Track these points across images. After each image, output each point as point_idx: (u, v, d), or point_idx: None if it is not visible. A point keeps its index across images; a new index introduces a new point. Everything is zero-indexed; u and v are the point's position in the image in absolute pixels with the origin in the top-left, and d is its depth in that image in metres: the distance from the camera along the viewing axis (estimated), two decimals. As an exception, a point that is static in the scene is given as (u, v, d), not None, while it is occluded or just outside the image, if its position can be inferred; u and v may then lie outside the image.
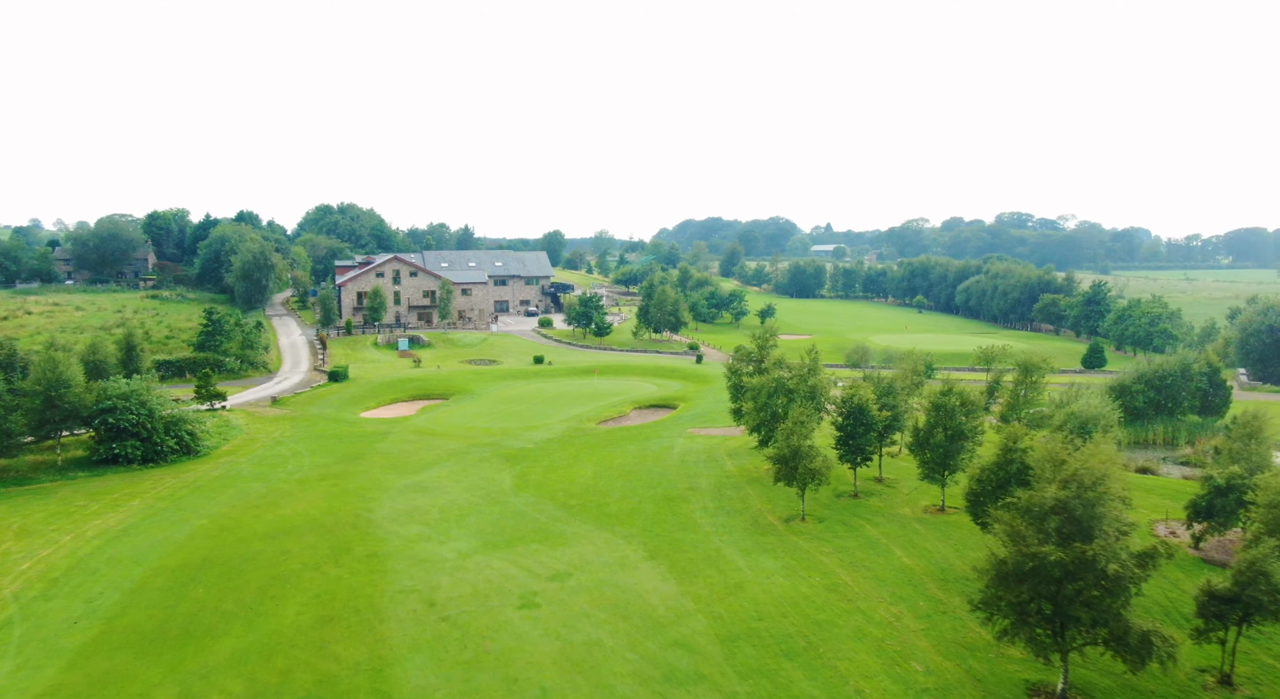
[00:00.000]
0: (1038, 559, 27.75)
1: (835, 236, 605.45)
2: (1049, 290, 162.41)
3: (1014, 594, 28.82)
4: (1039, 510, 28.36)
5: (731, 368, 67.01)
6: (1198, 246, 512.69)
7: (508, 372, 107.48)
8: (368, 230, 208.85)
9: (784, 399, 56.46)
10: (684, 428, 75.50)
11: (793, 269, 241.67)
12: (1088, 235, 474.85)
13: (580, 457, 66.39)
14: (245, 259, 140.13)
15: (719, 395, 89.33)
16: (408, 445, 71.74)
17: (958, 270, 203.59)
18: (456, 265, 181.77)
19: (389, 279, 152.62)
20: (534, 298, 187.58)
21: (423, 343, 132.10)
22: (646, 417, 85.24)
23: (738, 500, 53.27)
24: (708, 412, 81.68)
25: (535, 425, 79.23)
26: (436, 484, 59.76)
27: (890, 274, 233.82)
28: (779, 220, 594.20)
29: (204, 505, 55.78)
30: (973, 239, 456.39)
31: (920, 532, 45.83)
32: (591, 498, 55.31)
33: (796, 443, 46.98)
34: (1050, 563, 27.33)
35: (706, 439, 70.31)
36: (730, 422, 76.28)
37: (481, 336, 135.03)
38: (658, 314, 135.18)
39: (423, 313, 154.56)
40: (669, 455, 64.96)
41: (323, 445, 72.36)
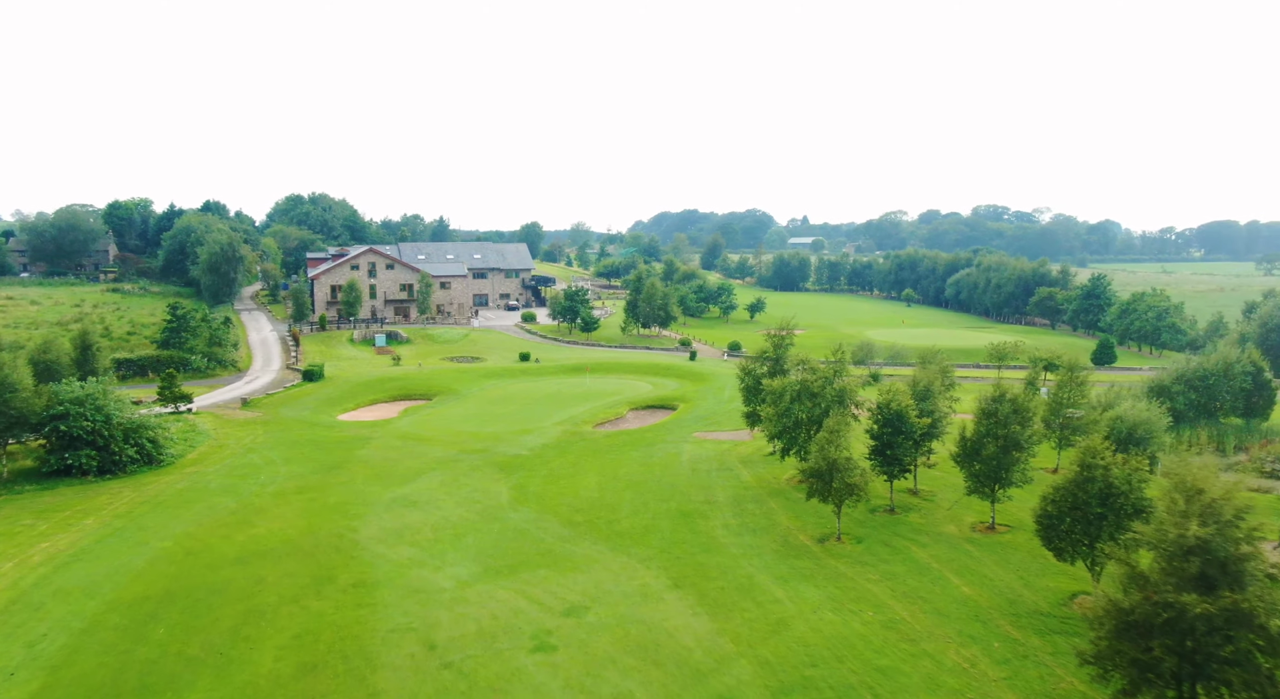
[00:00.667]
0: (1174, 610, 23.13)
1: (812, 229, 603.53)
2: (1044, 283, 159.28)
3: (1139, 649, 24.21)
4: (1175, 550, 23.71)
5: (745, 368, 62.19)
6: (1171, 239, 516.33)
7: (493, 370, 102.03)
8: (340, 221, 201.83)
9: (808, 404, 51.69)
10: (688, 432, 70.64)
11: (777, 262, 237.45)
12: (1064, 228, 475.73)
13: (581, 465, 61.30)
14: (212, 251, 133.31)
15: (720, 395, 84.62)
16: (392, 452, 66.27)
17: (947, 263, 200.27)
18: (434, 257, 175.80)
19: (364, 272, 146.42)
20: (514, 291, 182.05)
21: (401, 339, 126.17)
22: (645, 419, 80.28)
23: (762, 516, 48.46)
24: (711, 413, 76.86)
25: (528, 429, 74.02)
26: (426, 497, 54.43)
27: (876, 267, 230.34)
28: (756, 213, 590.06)
29: (167, 524, 50.08)
30: (951, 232, 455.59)
31: (974, 554, 41.26)
32: (599, 513, 50.28)
33: (833, 455, 42.23)
34: (1194, 616, 22.70)
35: (715, 444, 65.48)
36: (738, 425, 71.63)
37: (463, 332, 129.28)
38: (646, 309, 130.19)
39: (400, 307, 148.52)
40: (678, 463, 60.05)
41: (299, 452, 66.70)
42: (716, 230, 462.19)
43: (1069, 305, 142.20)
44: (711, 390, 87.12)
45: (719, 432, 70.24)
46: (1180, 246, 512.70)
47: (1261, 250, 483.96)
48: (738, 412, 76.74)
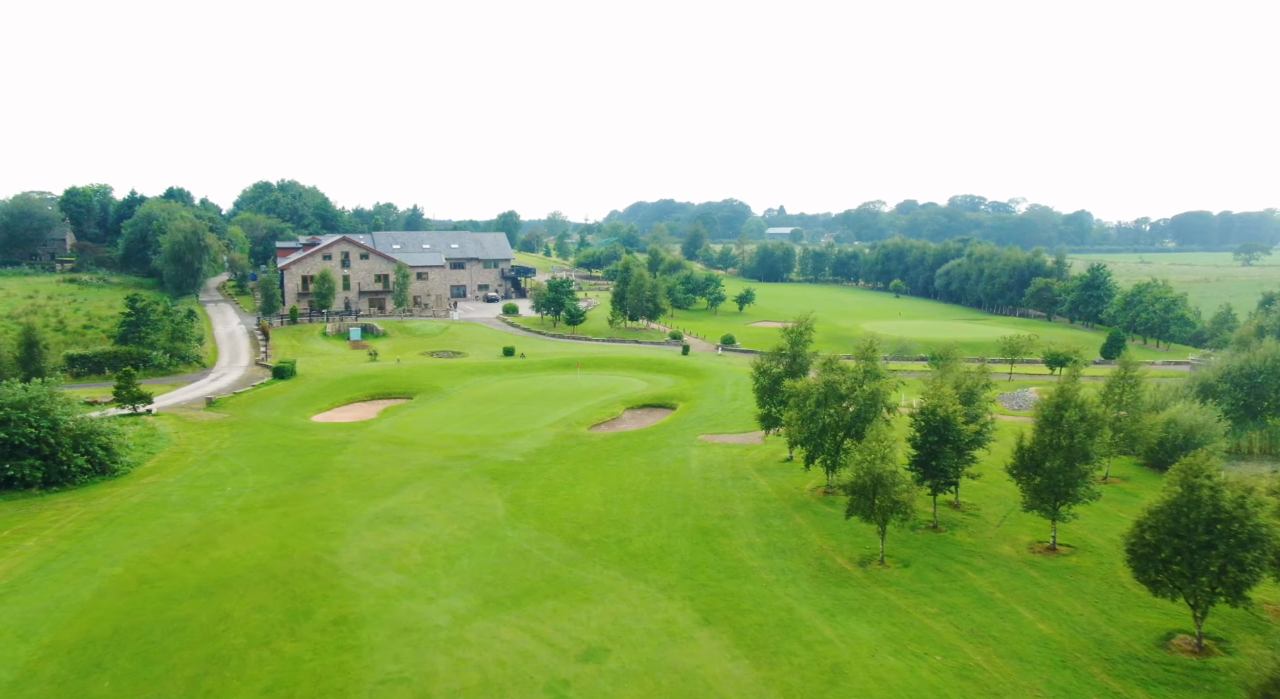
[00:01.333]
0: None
1: (789, 219, 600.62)
2: (1038, 274, 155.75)
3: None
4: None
5: (761, 367, 57.22)
6: (1146, 230, 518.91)
7: (477, 366, 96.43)
8: (311, 209, 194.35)
9: (836, 407, 46.86)
10: (693, 434, 65.66)
11: (760, 252, 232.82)
12: (1041, 218, 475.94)
13: (581, 472, 56.13)
14: (175, 239, 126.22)
15: (721, 393, 79.75)
16: (372, 459, 60.70)
17: (936, 253, 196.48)
18: (409, 247, 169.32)
19: (337, 262, 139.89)
20: (493, 282, 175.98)
21: (377, 332, 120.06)
22: (643, 419, 75.21)
23: (790, 534, 43.60)
24: (714, 414, 71.93)
25: (519, 431, 68.71)
26: (413, 512, 49.05)
27: (862, 257, 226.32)
28: (733, 202, 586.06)
29: (119, 546, 44.36)
30: (929, 222, 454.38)
31: (1041, 582, 36.62)
32: (607, 530, 45.20)
33: (879, 469, 37.41)
34: None
35: (724, 449, 60.55)
36: (746, 426, 66.84)
37: (442, 325, 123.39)
38: (634, 300, 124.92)
39: (375, 299, 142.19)
40: (687, 471, 55.06)
41: (269, 459, 60.96)
42: (693, 220, 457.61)
43: (1067, 296, 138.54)
44: (711, 388, 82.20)
45: (726, 434, 65.33)
46: (1154, 237, 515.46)
47: (1234, 241, 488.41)
48: (743, 412, 71.97)
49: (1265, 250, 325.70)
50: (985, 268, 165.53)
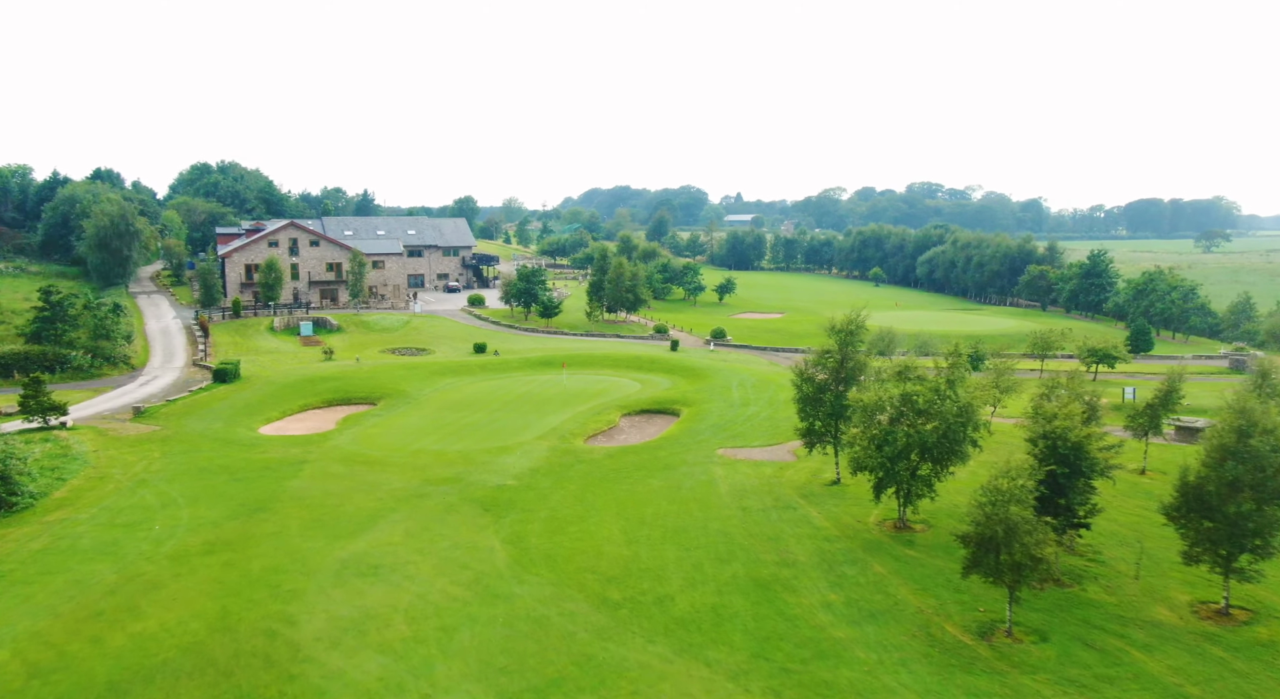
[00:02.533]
0: None
1: (747, 206, 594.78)
2: (1030, 261, 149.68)
3: None
4: None
5: (804, 373, 48.25)
6: (1100, 217, 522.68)
7: (447, 365, 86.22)
8: (254, 193, 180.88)
9: (916, 425, 38.18)
10: (709, 448, 56.67)
11: (730, 239, 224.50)
12: (999, 205, 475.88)
13: (589, 500, 46.81)
14: (100, 224, 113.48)
15: (728, 397, 70.85)
16: (335, 483, 50.67)
17: (916, 240, 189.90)
18: (362, 234, 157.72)
19: (284, 249, 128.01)
20: (454, 271, 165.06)
21: (331, 327, 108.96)
22: (644, 428, 66.03)
23: (873, 588, 34.84)
24: (727, 422, 62.95)
25: (505, 445, 59.07)
26: (391, 558, 39.37)
27: (836, 244, 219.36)
28: (691, 189, 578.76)
29: (6, 617, 34.10)
30: (889, 208, 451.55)
31: (1236, 666, 28.33)
32: (640, 584, 36.06)
33: (1011, 515, 28.78)
34: None
35: (753, 468, 51.66)
36: (769, 437, 58.14)
37: (403, 319, 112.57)
38: (612, 291, 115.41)
39: (327, 290, 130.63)
40: (717, 497, 46.10)
41: (209, 485, 50.58)
42: (650, 207, 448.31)
43: (1065, 285, 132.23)
44: (715, 391, 73.22)
45: (748, 448, 56.44)
46: (1109, 224, 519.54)
47: (1185, 227, 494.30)
48: (760, 419, 63.27)
49: (1225, 237, 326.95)
50: (974, 255, 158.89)
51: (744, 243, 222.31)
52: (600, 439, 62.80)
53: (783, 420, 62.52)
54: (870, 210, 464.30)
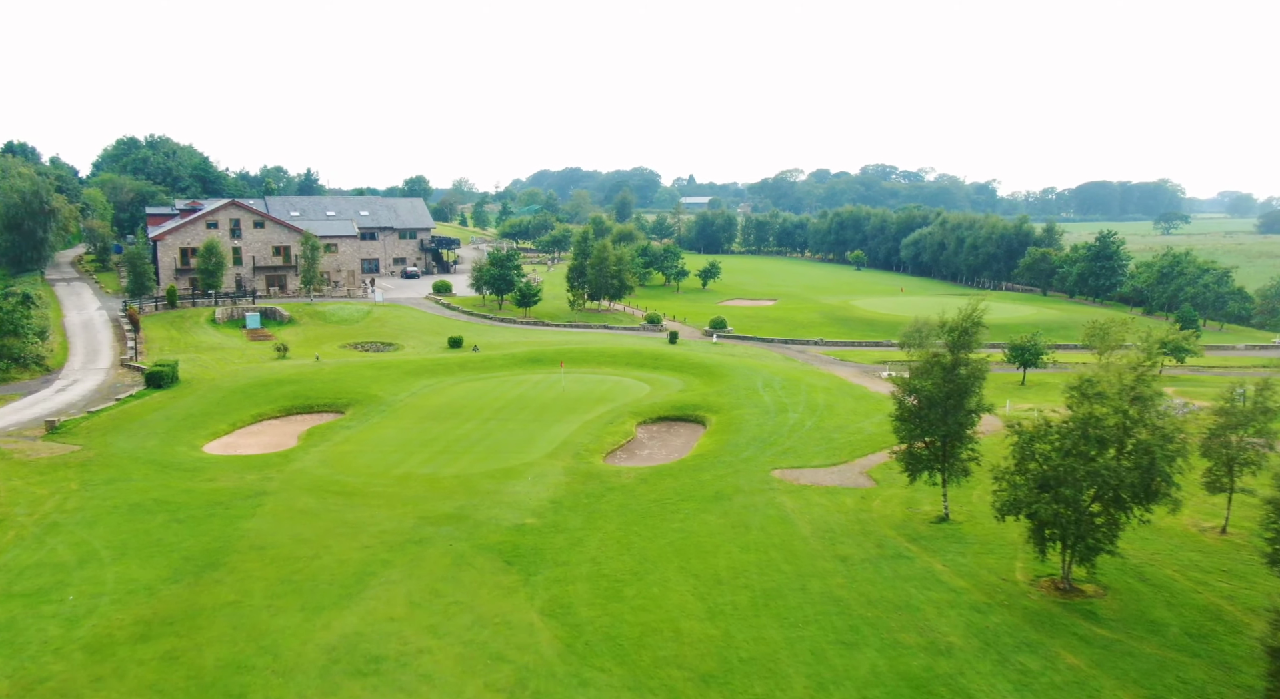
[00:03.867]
0: None
1: (700, 188, 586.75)
2: (1027, 243, 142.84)
3: None
4: None
5: (911, 385, 38.85)
6: (1053, 199, 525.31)
7: (422, 364, 75.22)
8: (188, 171, 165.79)
9: (1104, 455, 29.03)
10: (760, 468, 47.12)
11: (700, 221, 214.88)
12: (954, 187, 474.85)
13: (638, 545, 36.95)
14: (10, 202, 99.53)
15: (759, 400, 61.34)
16: (306, 524, 40.01)
17: (899, 222, 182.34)
18: (310, 214, 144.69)
19: (225, 231, 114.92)
20: (411, 255, 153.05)
21: (281, 318, 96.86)
22: (669, 440, 56.23)
23: (1076, 692, 25.58)
24: (770, 434, 53.39)
25: (509, 465, 48.82)
26: (395, 644, 29.11)
27: (810, 226, 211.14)
28: (644, 171, 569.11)
29: None
30: (847, 190, 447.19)
31: None
32: (748, 684, 26.41)
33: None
34: None
35: (826, 495, 42.24)
36: (831, 455, 48.84)
37: (363, 309, 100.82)
38: (596, 277, 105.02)
39: (273, 276, 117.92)
40: (799, 540, 36.62)
41: (142, 530, 39.57)
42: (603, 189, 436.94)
43: (1070, 268, 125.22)
44: (740, 393, 63.60)
45: (809, 468, 47.00)
46: (1060, 206, 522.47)
47: (1133, 210, 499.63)
48: (807, 429, 53.92)
49: (1184, 219, 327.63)
50: (966, 237, 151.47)
51: (713, 225, 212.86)
52: (621, 456, 52.83)
53: (835, 431, 53.29)
54: (828, 192, 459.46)
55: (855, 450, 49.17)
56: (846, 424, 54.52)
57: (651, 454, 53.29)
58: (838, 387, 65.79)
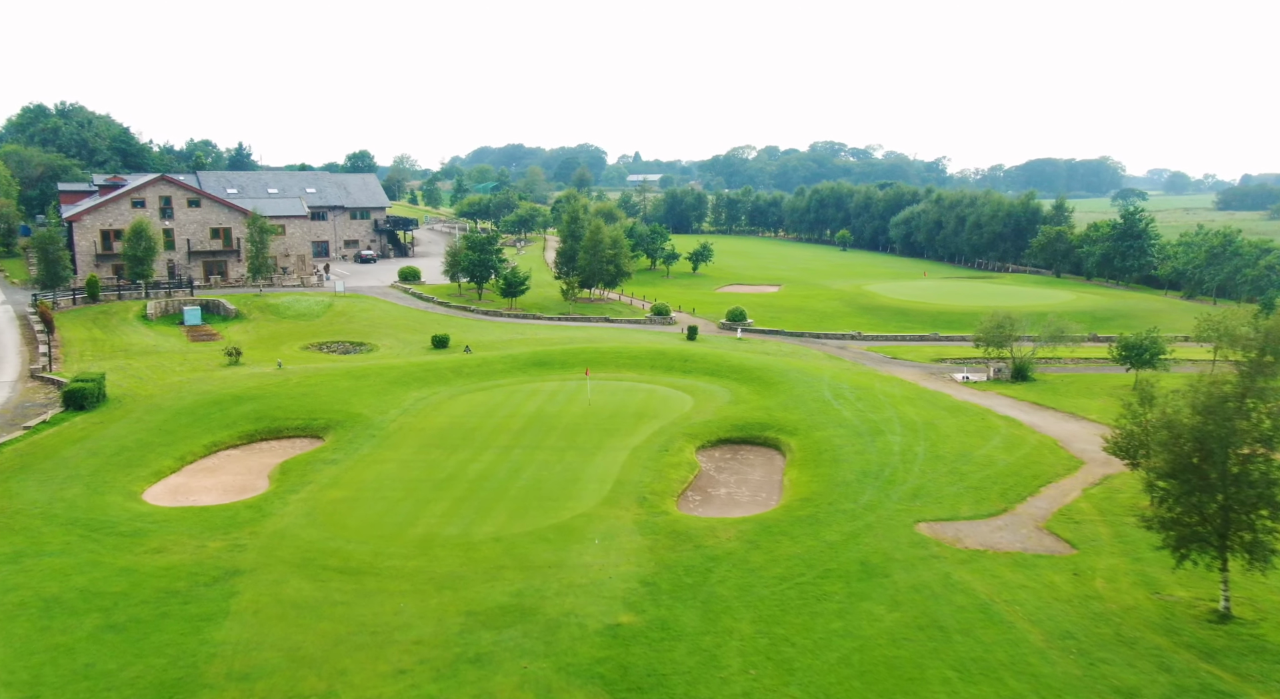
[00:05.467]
0: None
1: (647, 166, 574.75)
2: (1035, 221, 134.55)
3: None
4: None
5: (1173, 422, 27.97)
6: (1000, 176, 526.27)
7: (407, 370, 62.53)
8: (107, 143, 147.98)
9: None
10: (894, 518, 36.23)
11: (669, 199, 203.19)
12: (906, 165, 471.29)
13: (801, 666, 25.76)
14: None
15: (836, 417, 50.49)
16: (303, 632, 27.97)
17: (886, 199, 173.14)
18: (251, 191, 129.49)
19: (154, 210, 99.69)
20: (364, 237, 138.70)
21: (227, 312, 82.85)
22: (744, 473, 44.99)
23: None
24: (883, 467, 42.43)
25: (561, 520, 37.08)
26: None
27: (786, 204, 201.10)
28: (589, 148, 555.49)
29: None
30: (799, 167, 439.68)
31: None
32: None
33: None
34: None
35: (1014, 566, 31.52)
36: (979, 503, 38.18)
37: (324, 301, 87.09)
38: (589, 262, 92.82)
39: (213, 263, 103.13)
40: (1035, 653, 25.86)
41: (59, 649, 27.15)
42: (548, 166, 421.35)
43: (1092, 248, 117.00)
44: (808, 406, 52.56)
45: (960, 519, 36.21)
46: (1007, 184, 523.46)
47: (1077, 187, 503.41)
48: (927, 460, 43.18)
49: (1141, 196, 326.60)
50: (967, 215, 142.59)
51: (683, 203, 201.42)
52: (695, 499, 41.46)
53: (959, 461, 42.70)
54: (780, 169, 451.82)
55: (1007, 492, 38.62)
56: (968, 451, 44.01)
57: (733, 494, 42.05)
58: (918, 396, 55.32)
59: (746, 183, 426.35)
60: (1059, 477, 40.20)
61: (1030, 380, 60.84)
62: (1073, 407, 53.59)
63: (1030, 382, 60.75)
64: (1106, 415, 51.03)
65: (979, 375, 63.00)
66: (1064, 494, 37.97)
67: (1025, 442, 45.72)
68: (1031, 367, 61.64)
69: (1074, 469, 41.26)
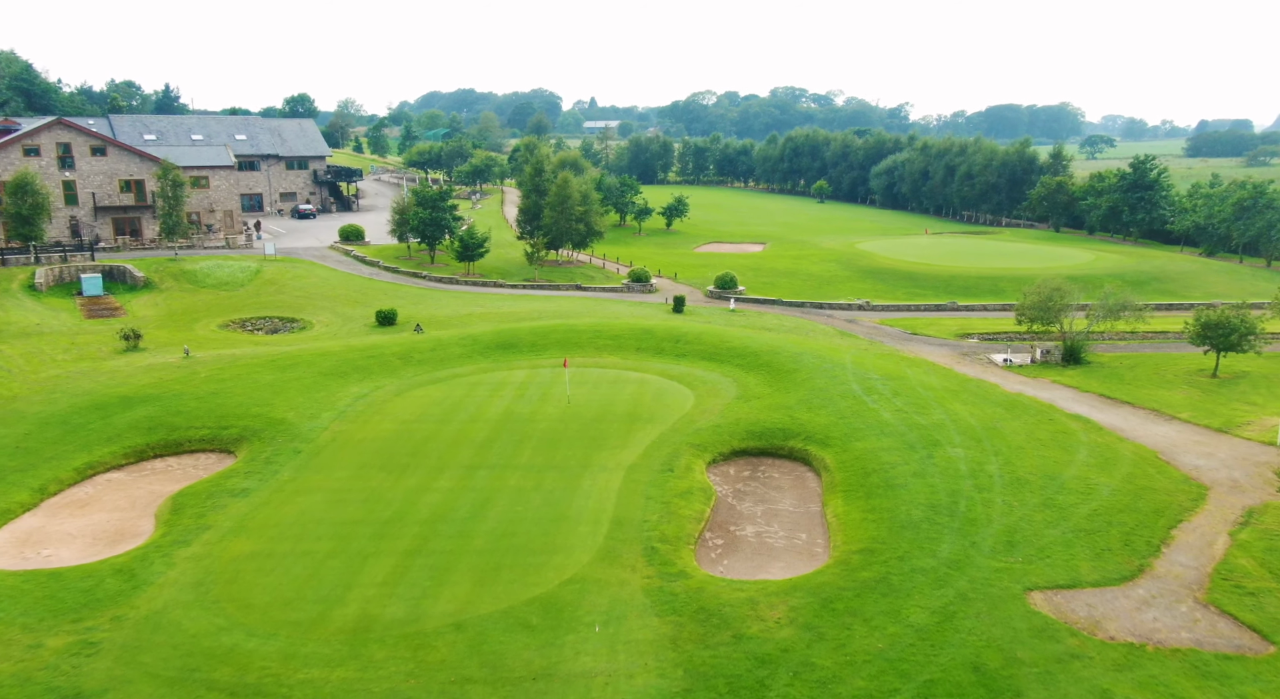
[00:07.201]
0: None
1: (603, 112, 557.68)
2: (1031, 171, 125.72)
3: None
4: None
5: None
6: (962, 122, 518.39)
7: (346, 357, 51.80)
8: (6, 82, 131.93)
9: None
10: (988, 581, 27.14)
11: (633, 147, 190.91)
12: (868, 110, 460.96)
13: None
14: None
15: (874, 418, 41.14)
16: None
17: (866, 148, 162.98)
18: (171, 138, 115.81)
19: (50, 159, 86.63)
20: (303, 189, 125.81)
21: (135, 281, 70.98)
22: (772, 501, 35.50)
23: None
24: (948, 497, 33.22)
25: (543, 589, 27.31)
26: None
27: (758, 152, 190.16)
28: (544, 93, 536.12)
29: None
30: (761, 113, 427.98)
31: None
32: None
33: None
34: None
35: (1198, 672, 22.63)
36: (1089, 548, 29.16)
37: (250, 267, 75.32)
38: (557, 220, 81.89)
39: (124, 221, 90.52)
40: None
41: None
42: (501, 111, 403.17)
43: (1098, 200, 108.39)
44: (838, 403, 43.16)
45: (1084, 587, 27.15)
46: (970, 129, 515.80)
47: (1039, 133, 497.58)
48: (1005, 484, 34.08)
49: (1110, 143, 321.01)
50: (957, 164, 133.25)
51: (648, 151, 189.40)
52: (715, 543, 31.96)
53: (1046, 486, 33.64)
54: (741, 115, 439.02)
55: (1131, 538, 29.61)
56: (1054, 471, 35.00)
57: (763, 535, 32.62)
58: (962, 388, 46.21)
59: (708, 129, 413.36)
60: (1187, 512, 31.39)
61: (1085, 363, 52.11)
62: (1152, 400, 44.85)
63: (1085, 364, 52.03)
64: (1201, 414, 42.47)
65: (1021, 357, 54.16)
66: (1206, 541, 29.17)
67: (1119, 455, 36.87)
68: (1085, 346, 52.82)
69: (1199, 499, 32.49)
